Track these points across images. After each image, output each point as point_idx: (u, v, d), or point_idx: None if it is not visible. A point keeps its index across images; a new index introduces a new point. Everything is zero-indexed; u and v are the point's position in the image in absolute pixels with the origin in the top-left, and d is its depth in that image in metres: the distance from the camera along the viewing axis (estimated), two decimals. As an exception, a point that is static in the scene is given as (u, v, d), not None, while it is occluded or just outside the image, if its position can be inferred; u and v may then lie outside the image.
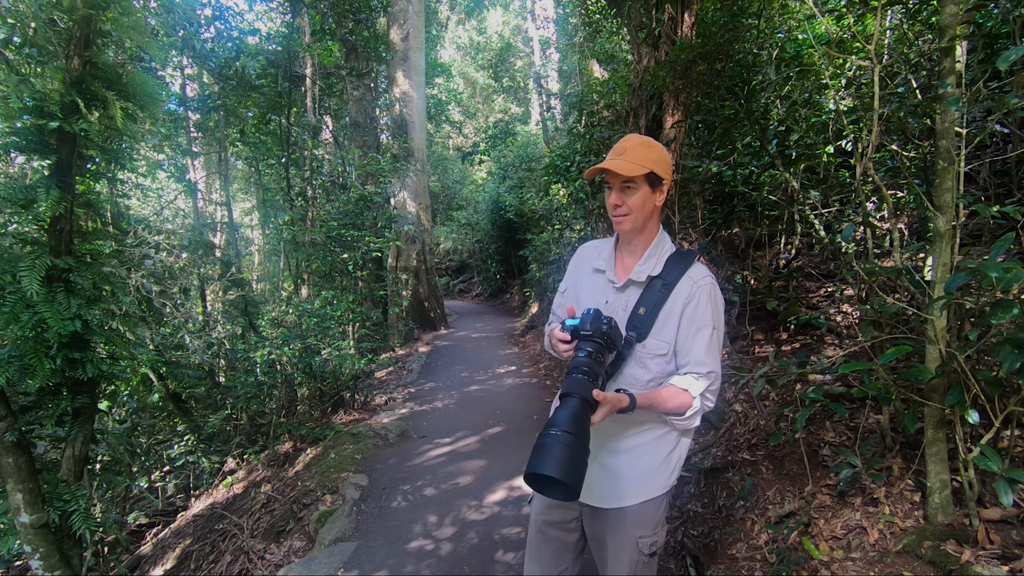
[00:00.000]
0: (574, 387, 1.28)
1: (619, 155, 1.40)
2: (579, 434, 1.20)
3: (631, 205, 1.43)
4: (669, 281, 1.44)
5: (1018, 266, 1.56)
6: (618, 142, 1.45)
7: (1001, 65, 1.74)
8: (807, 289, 4.10)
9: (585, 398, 1.26)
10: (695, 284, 1.44)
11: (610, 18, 7.57)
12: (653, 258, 1.49)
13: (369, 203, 7.65)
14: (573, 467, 1.16)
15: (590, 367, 1.31)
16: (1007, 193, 3.13)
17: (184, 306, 6.05)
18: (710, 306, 1.44)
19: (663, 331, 1.44)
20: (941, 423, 1.96)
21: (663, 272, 1.46)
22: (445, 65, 20.06)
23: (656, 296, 1.44)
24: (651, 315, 1.43)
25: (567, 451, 1.17)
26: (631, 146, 1.41)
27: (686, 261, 1.47)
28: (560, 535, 1.61)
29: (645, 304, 1.45)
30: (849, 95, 3.32)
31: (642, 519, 1.49)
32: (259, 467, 4.88)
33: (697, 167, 4.23)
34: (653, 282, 1.46)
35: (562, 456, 1.16)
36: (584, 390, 1.27)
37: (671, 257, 1.49)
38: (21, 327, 2.47)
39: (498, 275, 15.14)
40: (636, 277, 1.48)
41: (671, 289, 1.44)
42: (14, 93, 2.45)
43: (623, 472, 1.50)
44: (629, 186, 1.42)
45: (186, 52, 7.08)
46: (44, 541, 2.70)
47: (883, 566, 1.92)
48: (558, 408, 1.27)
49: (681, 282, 1.44)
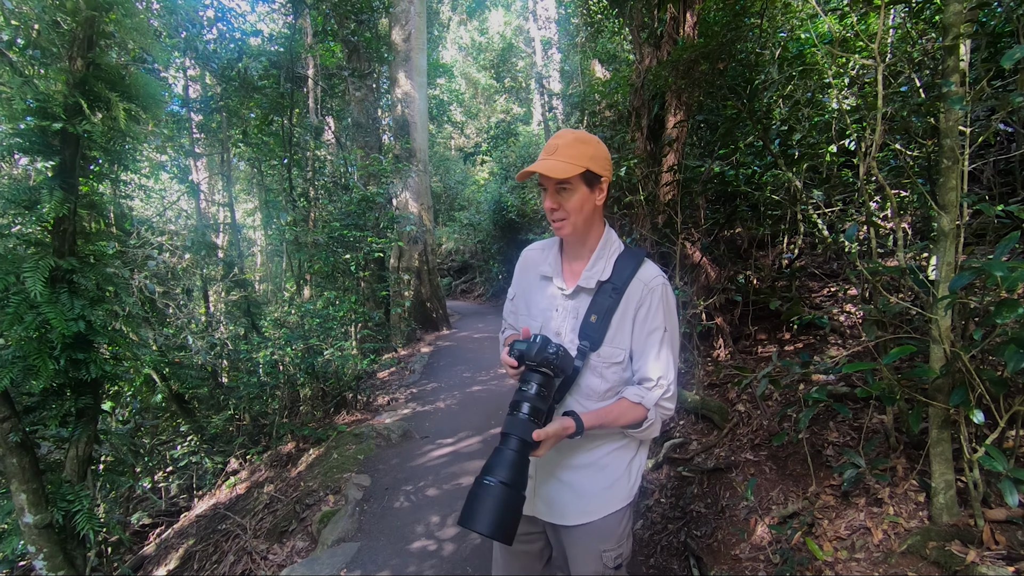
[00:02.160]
0: (514, 427, 1.24)
1: (551, 154, 1.31)
2: (514, 484, 1.18)
3: (568, 208, 1.33)
4: (619, 285, 1.37)
5: (1023, 265, 1.55)
6: (550, 139, 1.35)
7: (1005, 64, 1.73)
8: (810, 289, 4.09)
9: (525, 439, 1.22)
10: (646, 286, 1.37)
11: (612, 18, 7.57)
12: (601, 261, 1.41)
13: (371, 204, 7.66)
14: (504, 521, 1.15)
15: (532, 404, 1.26)
16: (1011, 192, 3.12)
17: (187, 307, 6.07)
18: (661, 308, 1.37)
19: (617, 338, 1.37)
20: (946, 423, 1.95)
21: (613, 275, 1.38)
22: (447, 66, 20.09)
23: (607, 302, 1.37)
24: (603, 322, 1.36)
25: (498, 504, 1.15)
26: (563, 143, 1.31)
27: (635, 261, 1.40)
28: (525, 547, 1.58)
29: (596, 311, 1.37)
30: (852, 94, 3.31)
31: (605, 533, 1.46)
32: (262, 467, 4.88)
33: (700, 167, 4.22)
34: (603, 287, 1.39)
35: (493, 509, 1.14)
36: (524, 431, 1.23)
37: (620, 258, 1.41)
38: (25, 328, 2.48)
39: (500, 275, 15.13)
40: (585, 284, 1.40)
41: (622, 293, 1.36)
42: (18, 94, 2.45)
43: (584, 487, 1.45)
44: (564, 188, 1.32)
45: (189, 53, 7.10)
46: (48, 541, 2.70)
47: (887, 567, 1.92)
48: (496, 451, 1.24)
49: (632, 285, 1.37)
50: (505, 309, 1.69)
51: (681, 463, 3.29)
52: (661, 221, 4.30)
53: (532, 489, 1.44)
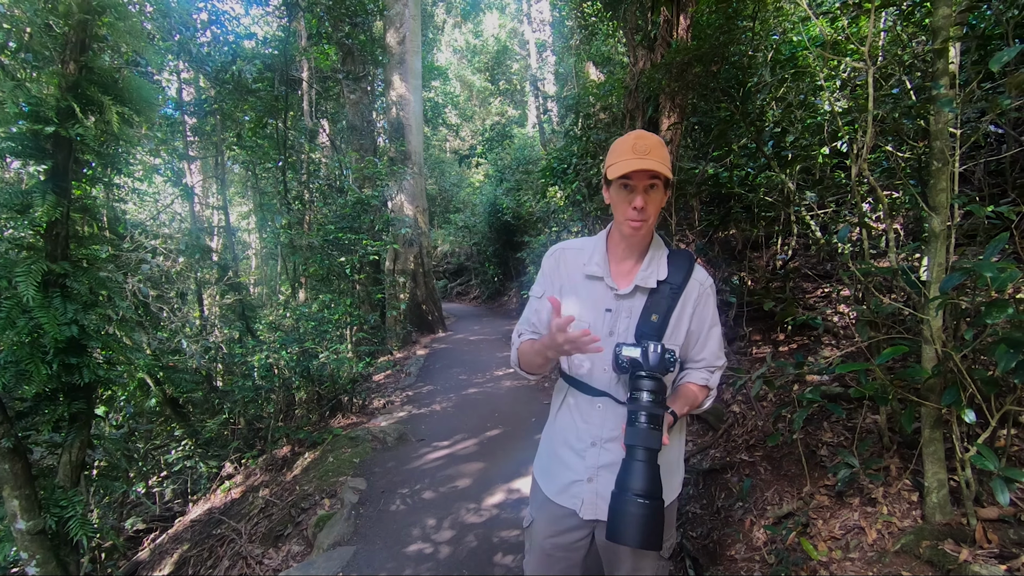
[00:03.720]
0: (637, 438, 1.26)
1: (646, 154, 1.32)
2: (651, 495, 1.23)
3: (651, 209, 1.37)
4: (677, 285, 1.42)
5: (1012, 266, 1.57)
6: (632, 140, 1.35)
7: (994, 66, 1.75)
8: (804, 290, 4.11)
9: (650, 448, 1.25)
10: (702, 286, 1.46)
11: (606, 21, 7.60)
12: (655, 261, 1.45)
13: (366, 206, 7.65)
14: (652, 533, 1.21)
15: (650, 412, 1.27)
16: (1002, 193, 3.15)
17: (181, 310, 6.04)
18: (714, 306, 1.49)
19: (674, 335, 1.42)
20: (938, 423, 1.97)
21: (669, 276, 1.43)
22: (442, 68, 20.12)
23: (666, 301, 1.41)
24: (663, 320, 1.40)
25: (643, 519, 1.21)
26: (653, 145, 1.34)
27: (688, 263, 1.46)
28: (568, 555, 1.55)
29: (656, 310, 1.41)
30: (844, 96, 3.33)
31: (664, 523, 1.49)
32: (257, 471, 4.86)
33: (694, 169, 4.24)
34: (661, 287, 1.42)
35: (640, 524, 1.21)
36: (648, 440, 1.25)
37: (670, 258, 1.47)
38: (17, 332, 2.46)
39: (496, 277, 15.14)
40: (644, 283, 1.42)
41: (680, 293, 1.42)
42: (10, 98, 2.44)
43: None
44: (653, 187, 1.35)
45: (182, 56, 7.08)
46: (41, 547, 2.68)
47: (881, 566, 1.93)
48: (625, 464, 1.27)
49: (689, 285, 1.43)
50: (529, 309, 1.63)
51: (677, 464, 3.30)
52: (656, 223, 4.31)
53: (595, 491, 1.45)
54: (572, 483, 1.48)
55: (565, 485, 1.50)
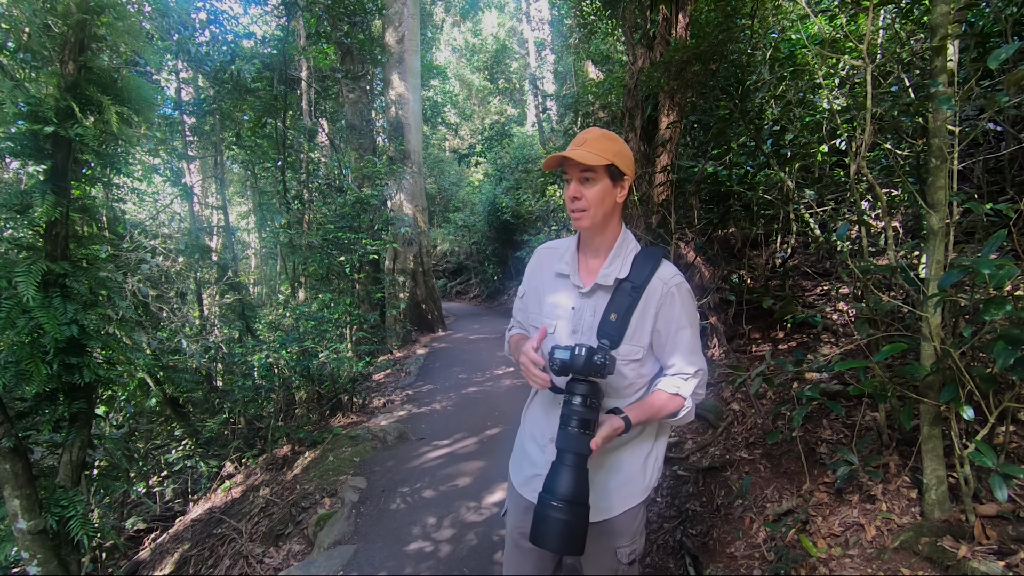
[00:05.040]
0: (567, 442, 1.26)
1: (579, 145, 1.35)
2: (576, 500, 1.22)
3: (590, 199, 1.36)
4: (638, 284, 1.38)
5: (1011, 263, 1.57)
6: (579, 133, 1.39)
7: (992, 64, 1.75)
8: (803, 288, 4.12)
9: (580, 453, 1.25)
10: (666, 285, 1.39)
11: (605, 19, 7.59)
12: (618, 259, 1.42)
13: (366, 206, 7.65)
14: (573, 537, 1.20)
15: (581, 416, 1.26)
16: (1000, 191, 3.15)
17: (181, 310, 6.04)
18: (684, 307, 1.41)
19: (636, 335, 1.39)
20: (937, 420, 1.97)
21: (631, 274, 1.40)
22: (441, 67, 20.10)
23: (626, 300, 1.38)
24: (623, 320, 1.37)
25: (565, 524, 1.19)
26: (592, 137, 1.35)
27: (654, 261, 1.42)
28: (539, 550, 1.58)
29: (616, 309, 1.38)
30: (843, 94, 3.34)
31: (620, 530, 1.47)
32: (257, 471, 4.87)
33: (693, 167, 4.25)
34: (622, 285, 1.40)
35: (561, 529, 1.19)
36: (578, 445, 1.25)
37: (637, 257, 1.43)
38: (17, 332, 2.46)
39: (495, 276, 15.13)
40: (603, 281, 1.41)
41: (641, 292, 1.38)
42: (9, 98, 2.44)
43: (600, 485, 1.45)
44: (588, 177, 1.35)
45: (181, 56, 7.07)
46: (42, 547, 2.69)
47: (881, 563, 1.93)
48: (554, 467, 1.27)
49: (651, 284, 1.39)
50: (515, 307, 1.71)
51: (676, 462, 3.30)
52: (655, 221, 4.32)
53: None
54: (534, 476, 1.51)
55: (528, 478, 1.53)
